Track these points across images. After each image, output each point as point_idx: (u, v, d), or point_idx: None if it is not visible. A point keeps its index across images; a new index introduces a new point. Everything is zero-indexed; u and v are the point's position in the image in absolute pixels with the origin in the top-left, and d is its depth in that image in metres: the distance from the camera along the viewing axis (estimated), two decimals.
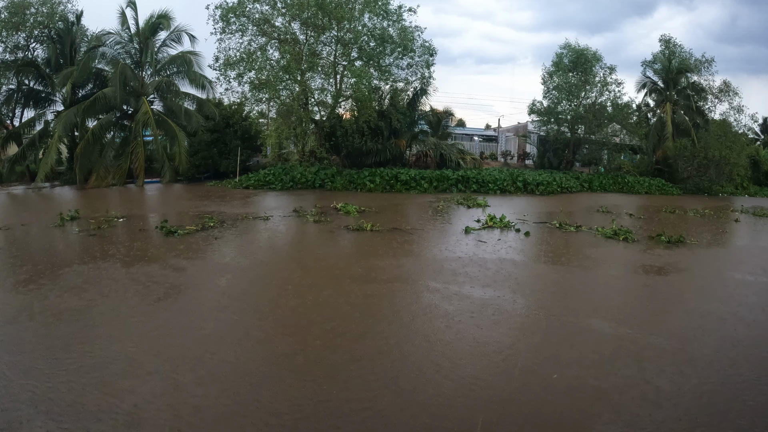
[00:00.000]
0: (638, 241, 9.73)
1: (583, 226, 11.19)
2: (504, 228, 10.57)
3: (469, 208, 13.96)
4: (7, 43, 19.99)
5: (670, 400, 3.52)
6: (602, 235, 10.11)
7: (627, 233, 10.08)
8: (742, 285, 6.92)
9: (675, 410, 3.39)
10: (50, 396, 3.30)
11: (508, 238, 9.53)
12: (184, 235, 8.77)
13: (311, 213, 11.70)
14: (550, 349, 4.33)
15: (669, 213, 15.02)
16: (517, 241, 9.31)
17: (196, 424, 3.07)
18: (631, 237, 9.89)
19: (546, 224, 11.44)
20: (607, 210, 14.71)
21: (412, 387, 3.59)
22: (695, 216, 14.67)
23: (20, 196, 16.39)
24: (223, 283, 6.06)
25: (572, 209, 14.75)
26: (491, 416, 3.25)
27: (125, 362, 3.85)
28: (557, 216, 12.64)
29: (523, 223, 11.38)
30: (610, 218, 12.67)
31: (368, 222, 10.26)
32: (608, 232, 10.23)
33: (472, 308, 5.31)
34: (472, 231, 10.02)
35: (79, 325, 4.60)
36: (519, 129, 35.18)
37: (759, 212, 16.25)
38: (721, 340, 4.72)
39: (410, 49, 19.33)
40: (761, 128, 37.93)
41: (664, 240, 9.78)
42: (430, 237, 9.62)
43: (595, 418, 3.25)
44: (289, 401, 3.35)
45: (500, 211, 12.84)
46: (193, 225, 9.62)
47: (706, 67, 25.52)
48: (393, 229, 10.10)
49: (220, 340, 4.35)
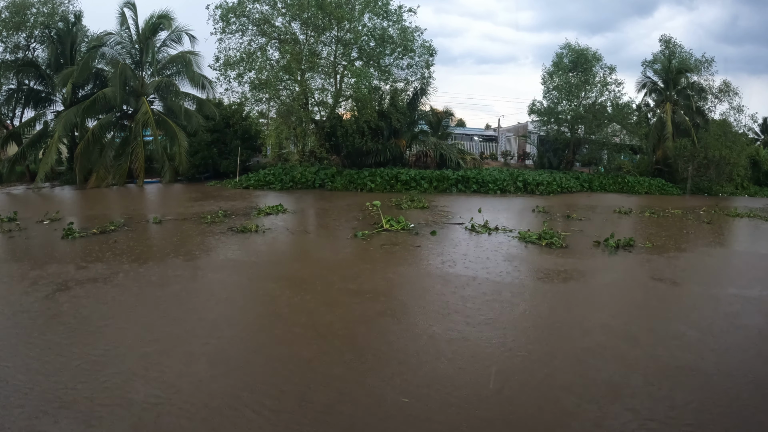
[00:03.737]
0: (567, 247, 8.68)
1: (501, 228, 10.29)
2: (403, 231, 9.66)
3: (404, 209, 12.95)
4: (8, 43, 20.01)
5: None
6: (521, 239, 9.17)
7: (552, 237, 9.05)
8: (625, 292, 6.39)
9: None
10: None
11: (398, 240, 8.78)
12: (80, 238, 8.51)
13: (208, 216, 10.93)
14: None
15: (652, 214, 14.01)
16: (405, 249, 8.27)
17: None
18: (558, 242, 8.80)
19: (462, 225, 10.57)
20: (543, 210, 13.59)
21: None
22: (678, 216, 13.77)
23: (19, 196, 16.42)
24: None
25: (511, 209, 14.07)
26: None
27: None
28: (480, 216, 11.43)
29: (440, 225, 10.46)
30: (546, 220, 11.74)
31: (253, 224, 9.84)
32: (532, 236, 9.20)
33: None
34: (363, 235, 9.11)
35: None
36: (519, 129, 35.17)
37: (753, 213, 15.42)
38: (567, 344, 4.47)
39: (410, 49, 19.35)
40: (761, 128, 37.88)
41: (611, 245, 8.80)
42: (311, 240, 9.27)
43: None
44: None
45: (456, 211, 12.31)
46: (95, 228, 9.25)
47: (706, 67, 25.54)
48: (285, 230, 9.82)
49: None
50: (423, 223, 10.75)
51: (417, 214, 12.13)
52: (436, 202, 15.07)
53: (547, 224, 10.55)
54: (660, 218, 13.43)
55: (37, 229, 9.51)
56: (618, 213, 14.16)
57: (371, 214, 11.72)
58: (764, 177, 28.39)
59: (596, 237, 9.57)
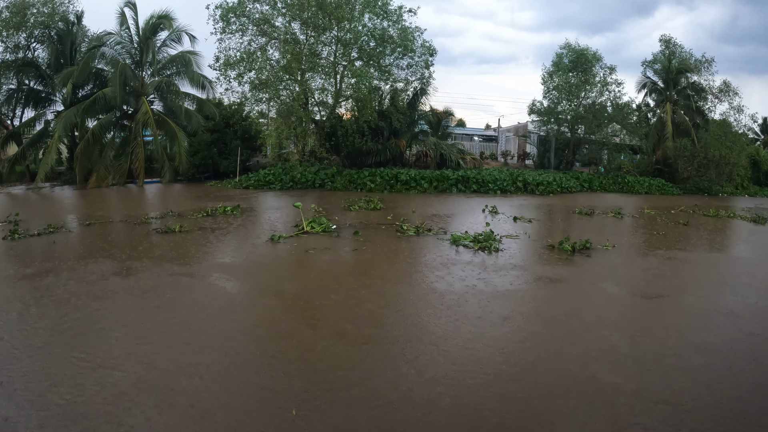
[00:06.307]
0: (504, 250, 8.16)
1: (434, 229, 9.70)
2: (324, 233, 9.19)
3: (353, 211, 12.28)
4: (8, 42, 20.01)
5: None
6: (453, 242, 8.56)
7: (488, 241, 8.43)
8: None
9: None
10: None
11: (312, 244, 8.33)
12: (20, 239, 8.36)
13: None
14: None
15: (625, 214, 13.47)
16: (315, 253, 7.82)
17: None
18: (494, 246, 8.23)
19: (390, 227, 10.01)
20: (495, 211, 12.91)
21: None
22: (651, 217, 13.24)
23: (19, 196, 16.42)
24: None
25: (462, 209, 13.54)
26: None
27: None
28: (418, 217, 10.93)
29: (372, 227, 9.92)
30: (500, 220, 11.24)
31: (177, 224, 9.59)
32: (465, 239, 8.63)
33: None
34: (281, 238, 8.59)
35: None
36: (519, 129, 35.19)
37: (734, 213, 15.00)
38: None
39: (410, 50, 19.36)
40: (761, 128, 37.93)
41: (567, 248, 8.23)
42: (220, 242, 8.63)
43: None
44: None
45: (416, 212, 11.86)
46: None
47: (706, 67, 25.56)
48: (200, 228, 9.50)
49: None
50: (349, 225, 10.05)
51: (364, 215, 11.53)
52: (400, 203, 14.40)
53: (489, 226, 9.84)
54: (633, 219, 12.96)
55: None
56: (580, 214, 13.46)
57: (320, 213, 11.14)
58: (764, 177, 28.40)
59: (549, 240, 9.03)
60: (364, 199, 14.35)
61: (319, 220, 9.83)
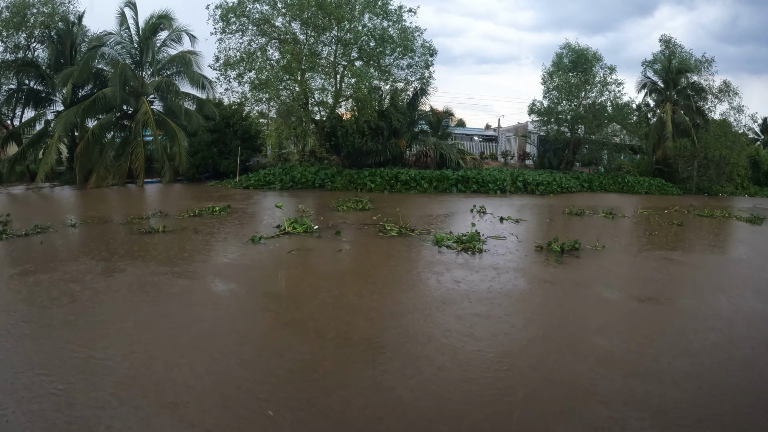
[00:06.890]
0: (488, 251, 7.97)
1: (417, 230, 9.54)
2: (306, 234, 9.03)
3: (342, 211, 12.12)
4: (8, 42, 20.01)
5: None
6: (435, 242, 8.40)
7: (471, 242, 8.24)
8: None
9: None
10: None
11: (292, 246, 8.17)
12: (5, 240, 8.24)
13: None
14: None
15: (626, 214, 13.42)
16: (294, 255, 7.70)
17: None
18: (478, 247, 8.04)
19: (374, 227, 9.81)
20: (484, 211, 12.68)
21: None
22: (644, 217, 13.20)
23: (18, 196, 16.42)
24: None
25: (456, 210, 13.39)
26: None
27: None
28: (399, 217, 10.75)
29: (356, 227, 9.74)
30: (487, 220, 10.92)
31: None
32: (449, 240, 8.46)
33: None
34: (262, 239, 8.43)
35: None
36: (519, 129, 35.19)
37: (743, 216, 14.70)
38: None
39: (410, 50, 19.38)
40: (761, 128, 37.89)
41: (555, 249, 8.09)
42: (204, 243, 8.41)
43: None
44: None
45: (405, 213, 11.55)
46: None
47: (706, 67, 25.57)
48: (184, 228, 9.45)
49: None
50: (331, 225, 9.94)
51: (351, 216, 11.40)
52: (393, 203, 14.12)
53: (475, 227, 9.57)
54: (626, 219, 12.87)
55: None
56: (570, 214, 13.25)
57: (305, 214, 10.90)
58: (764, 177, 28.41)
59: (537, 241, 8.89)
60: (353, 199, 14.16)
61: (302, 220, 9.69)
